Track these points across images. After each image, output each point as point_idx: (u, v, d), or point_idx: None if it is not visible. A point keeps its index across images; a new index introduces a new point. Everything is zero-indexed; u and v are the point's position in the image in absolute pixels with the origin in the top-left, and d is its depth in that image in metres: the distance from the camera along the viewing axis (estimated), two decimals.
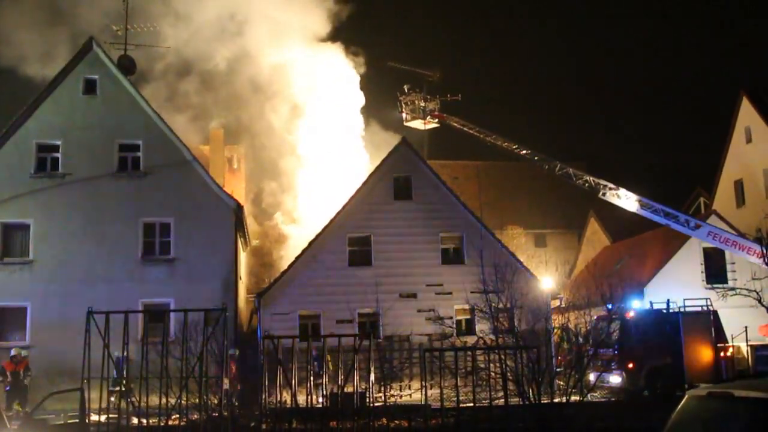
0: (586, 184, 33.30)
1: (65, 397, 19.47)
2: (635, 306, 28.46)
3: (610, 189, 32.86)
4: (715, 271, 34.67)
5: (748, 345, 28.41)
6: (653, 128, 78.77)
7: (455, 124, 37.83)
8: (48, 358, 26.75)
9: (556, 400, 20.67)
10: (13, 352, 24.09)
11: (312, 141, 38.55)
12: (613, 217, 41.82)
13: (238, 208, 30.22)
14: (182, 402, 19.20)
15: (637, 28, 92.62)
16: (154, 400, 19.70)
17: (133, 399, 19.88)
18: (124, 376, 20.56)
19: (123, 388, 20.89)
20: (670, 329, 26.38)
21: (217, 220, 29.78)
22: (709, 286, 33.47)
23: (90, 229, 29.08)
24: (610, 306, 24.80)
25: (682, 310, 27.18)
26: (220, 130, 41.20)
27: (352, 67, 39.52)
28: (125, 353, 20.09)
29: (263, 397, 20.76)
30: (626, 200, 32.66)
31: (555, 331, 25.65)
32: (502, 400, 19.36)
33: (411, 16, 76.92)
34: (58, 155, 29.75)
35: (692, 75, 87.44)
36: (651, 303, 28.65)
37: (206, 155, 38.84)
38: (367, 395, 20.70)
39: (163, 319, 26.17)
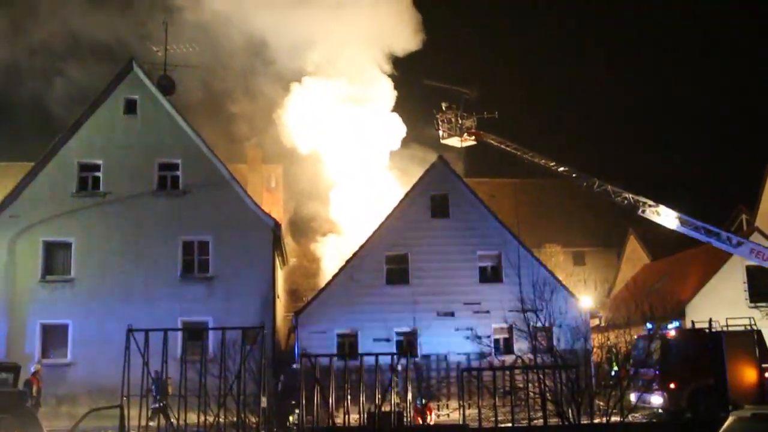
0: (625, 202, 32.90)
1: (105, 414, 19.65)
2: (677, 325, 28.00)
3: (650, 206, 32.43)
4: (759, 289, 34.01)
5: None
6: (694, 144, 77.91)
7: (492, 142, 37.63)
8: (88, 375, 27.13)
9: (596, 420, 20.38)
10: (34, 368, 24.46)
11: (349, 159, 38.64)
12: (653, 235, 41.29)
13: (276, 227, 30.37)
14: (220, 420, 19.27)
15: (678, 44, 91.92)
16: (192, 418, 19.81)
17: (172, 417, 20.00)
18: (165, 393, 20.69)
19: (161, 405, 21.08)
20: (712, 349, 25.87)
21: (255, 238, 29.94)
22: (753, 305, 32.87)
23: (130, 247, 29.40)
24: (650, 325, 24.47)
25: (725, 329, 26.69)
26: (258, 149, 41.52)
27: (388, 85, 39.62)
28: (164, 371, 20.25)
29: (301, 415, 20.76)
30: (666, 217, 32.21)
31: (594, 350, 25.32)
32: (541, 420, 19.17)
33: (447, 33, 77.11)
34: (99, 174, 30.19)
35: (734, 90, 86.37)
36: (693, 322, 28.18)
37: (244, 174, 39.14)
38: (405, 415, 20.61)
39: (202, 338, 26.40)
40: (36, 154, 31.12)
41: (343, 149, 38.68)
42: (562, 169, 34.76)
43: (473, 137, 38.93)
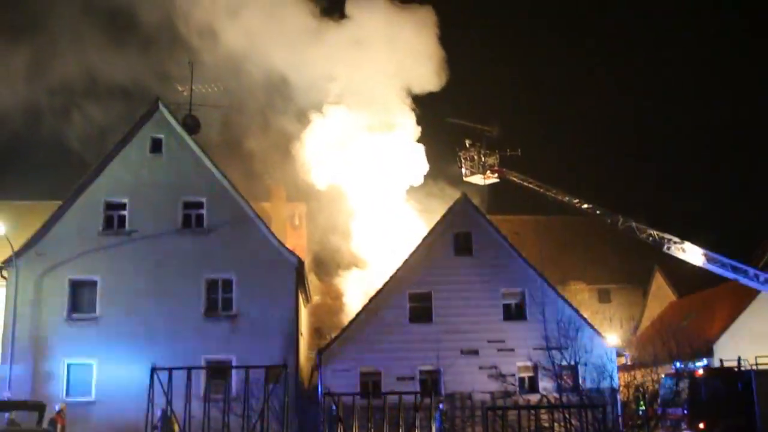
0: (650, 238, 32.73)
1: None
2: (705, 363, 27.66)
3: (675, 243, 32.23)
4: None
5: None
6: (719, 179, 77.32)
7: (515, 179, 37.67)
8: (112, 413, 27.15)
9: None
10: (59, 407, 24.54)
11: (371, 192, 38.78)
12: (679, 272, 40.87)
13: (300, 265, 30.42)
14: None
15: (700, 79, 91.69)
16: None
17: None
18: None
19: None
20: (742, 388, 25.52)
21: (278, 276, 29.98)
22: None
23: (154, 285, 29.50)
24: (678, 364, 24.19)
25: (754, 368, 26.29)
26: (281, 188, 41.76)
27: (411, 119, 39.89)
28: (187, 410, 20.24)
29: None
30: (692, 254, 31.97)
31: (621, 389, 25.03)
32: None
33: (469, 69, 77.46)
34: (125, 213, 30.40)
35: (763, 125, 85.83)
36: (721, 361, 27.82)
37: (268, 212, 39.32)
38: None
39: (225, 376, 26.35)
40: (57, 193, 31.50)
41: (365, 182, 38.85)
42: (585, 206, 34.70)
43: (496, 175, 38.99)
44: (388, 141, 39.14)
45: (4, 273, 29.43)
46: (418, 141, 40.03)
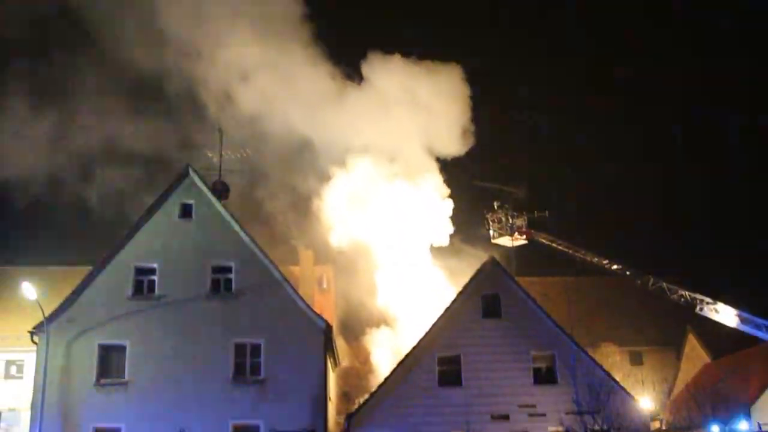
0: (682, 299, 32.46)
1: None
2: (742, 428, 27.03)
3: (707, 303, 31.92)
4: None
5: None
6: (752, 237, 76.32)
7: (543, 240, 37.70)
8: None
9: None
10: None
11: (397, 254, 38.81)
12: (712, 332, 40.21)
13: (328, 329, 30.35)
14: None
15: (722, 135, 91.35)
16: None
17: None
18: None
19: None
20: None
21: (306, 340, 29.92)
22: None
23: (182, 350, 29.56)
24: (717, 428, 23.69)
25: None
26: (309, 251, 41.95)
27: (437, 182, 40.13)
28: None
29: None
30: (725, 315, 31.61)
31: None
32: None
33: (494, 129, 77.83)
34: (155, 278, 30.66)
35: None
36: (759, 424, 27.20)
37: (296, 275, 39.46)
38: None
39: None
40: (85, 257, 31.80)
41: (390, 239, 38.93)
42: (615, 266, 34.58)
43: (524, 236, 39.00)
44: (414, 197, 39.31)
45: (35, 338, 29.65)
46: (444, 199, 40.24)
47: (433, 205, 39.73)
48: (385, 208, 39.20)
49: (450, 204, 40.15)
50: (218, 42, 40.95)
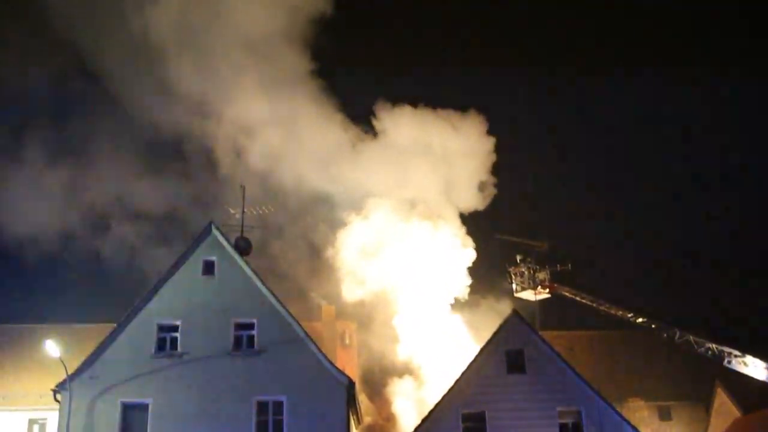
0: (709, 352, 31.98)
1: None
2: None
3: (736, 356, 31.43)
4: None
5: None
6: None
7: (567, 294, 37.43)
8: None
9: None
10: None
11: (421, 309, 38.62)
12: (742, 386, 39.44)
13: (351, 386, 30.09)
14: None
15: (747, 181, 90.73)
16: None
17: None
18: None
19: None
20: None
21: (329, 397, 29.65)
22: None
23: (204, 407, 29.37)
24: None
25: None
26: (332, 307, 41.89)
27: (461, 242, 40.05)
28: None
29: None
30: (754, 368, 31.09)
31: None
32: None
33: (515, 180, 77.75)
34: (177, 335, 30.63)
35: None
36: None
37: (318, 331, 39.30)
38: None
39: None
40: (100, 315, 31.86)
41: (412, 289, 38.75)
42: (640, 320, 34.19)
43: (547, 290, 38.73)
44: (434, 245, 39.21)
45: (58, 397, 29.61)
46: (464, 249, 40.13)
47: (454, 256, 39.61)
48: (404, 255, 39.09)
49: (471, 254, 40.01)
50: (228, 98, 41.51)
